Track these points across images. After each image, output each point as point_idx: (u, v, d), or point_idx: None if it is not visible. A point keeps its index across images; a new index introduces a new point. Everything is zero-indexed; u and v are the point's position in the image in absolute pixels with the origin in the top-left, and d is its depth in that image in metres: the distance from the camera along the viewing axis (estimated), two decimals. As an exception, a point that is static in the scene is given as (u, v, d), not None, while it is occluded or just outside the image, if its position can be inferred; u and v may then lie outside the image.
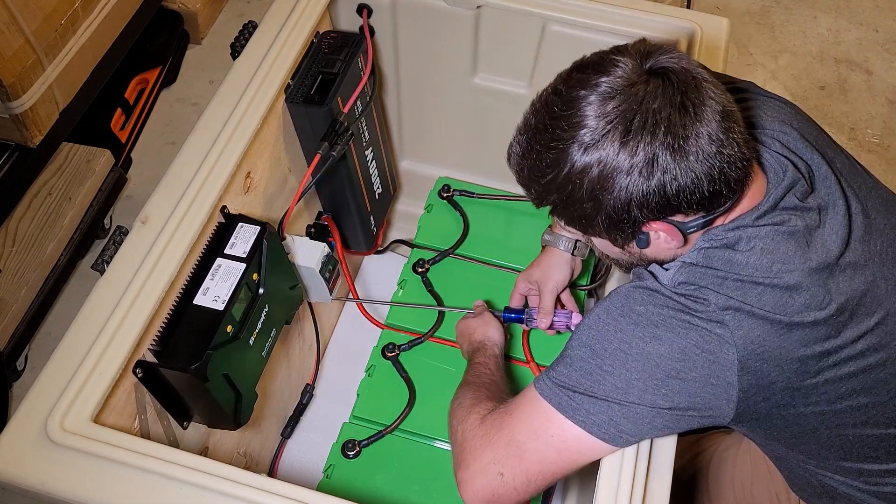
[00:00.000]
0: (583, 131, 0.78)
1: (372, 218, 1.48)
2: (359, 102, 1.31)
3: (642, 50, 0.81)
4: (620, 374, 0.82)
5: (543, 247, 1.28)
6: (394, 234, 1.75)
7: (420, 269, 1.44)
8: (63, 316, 1.82)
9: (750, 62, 2.53)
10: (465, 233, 1.48)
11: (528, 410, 0.87)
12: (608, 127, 0.77)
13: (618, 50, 0.82)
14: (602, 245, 0.91)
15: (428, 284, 1.42)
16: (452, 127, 1.61)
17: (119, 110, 2.04)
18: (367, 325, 1.46)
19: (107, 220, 1.92)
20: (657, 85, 0.77)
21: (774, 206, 0.84)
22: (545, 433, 0.85)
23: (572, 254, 1.23)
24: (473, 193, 1.53)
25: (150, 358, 0.98)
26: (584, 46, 1.35)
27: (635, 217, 0.81)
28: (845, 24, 2.64)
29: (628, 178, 0.77)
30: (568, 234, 1.23)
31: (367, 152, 1.41)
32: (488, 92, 1.50)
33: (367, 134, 1.39)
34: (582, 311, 1.31)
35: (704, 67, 0.82)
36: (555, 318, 1.24)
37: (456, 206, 1.52)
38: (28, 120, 1.55)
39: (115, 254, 1.00)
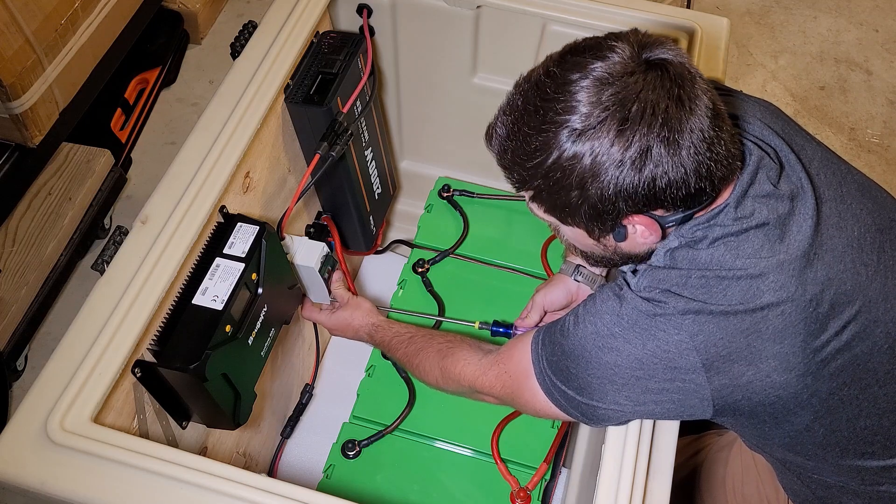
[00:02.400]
0: (574, 117, 0.76)
1: (371, 218, 1.48)
2: (358, 102, 1.31)
3: (640, 40, 0.80)
4: (584, 377, 0.86)
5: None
6: (394, 234, 1.75)
7: (420, 269, 1.44)
8: (63, 316, 1.82)
9: (750, 62, 2.53)
10: (465, 233, 1.48)
11: (522, 379, 0.94)
12: (604, 115, 0.76)
13: (615, 36, 0.80)
14: (576, 236, 0.90)
15: (428, 284, 1.42)
16: (452, 127, 1.61)
17: (119, 110, 2.04)
18: (366, 325, 1.46)
19: (107, 220, 1.92)
20: (655, 76, 0.77)
21: (743, 195, 0.84)
22: (534, 399, 0.93)
23: (574, 279, 1.21)
24: (473, 193, 1.53)
25: (149, 358, 0.98)
26: (583, 46, 1.36)
27: (619, 209, 0.80)
28: (845, 24, 2.64)
29: (619, 169, 0.77)
30: (577, 262, 1.22)
31: (366, 152, 1.41)
32: (488, 92, 1.50)
33: (366, 134, 1.39)
34: None
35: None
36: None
37: (456, 206, 1.52)
38: (28, 120, 1.55)
39: (114, 254, 1.00)
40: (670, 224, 0.84)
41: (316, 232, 1.40)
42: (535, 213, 0.89)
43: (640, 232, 0.85)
